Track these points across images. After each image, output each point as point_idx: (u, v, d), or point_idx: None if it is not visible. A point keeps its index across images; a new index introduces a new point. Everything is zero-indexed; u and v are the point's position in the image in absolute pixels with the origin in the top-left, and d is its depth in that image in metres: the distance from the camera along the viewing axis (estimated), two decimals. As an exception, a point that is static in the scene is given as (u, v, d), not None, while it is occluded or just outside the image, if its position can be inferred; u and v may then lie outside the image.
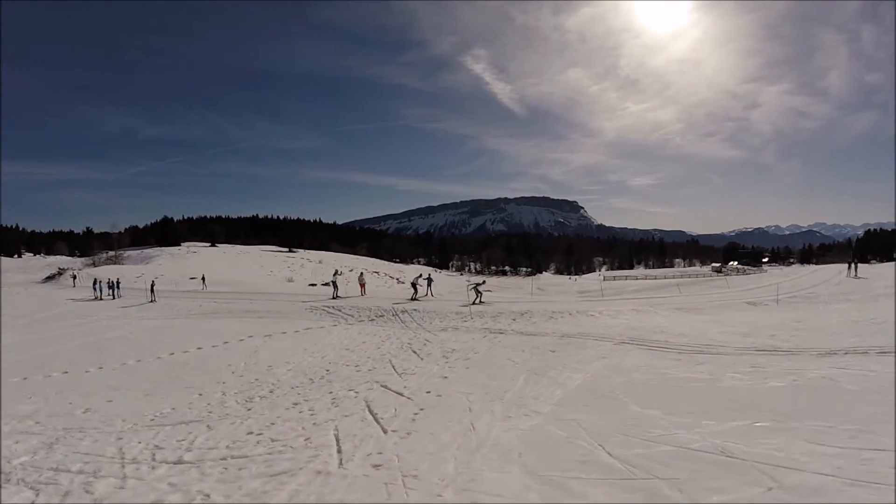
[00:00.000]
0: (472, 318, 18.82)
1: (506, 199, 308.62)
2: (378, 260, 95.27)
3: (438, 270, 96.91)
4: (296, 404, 8.96)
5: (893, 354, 10.67)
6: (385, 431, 7.02)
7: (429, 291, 27.81)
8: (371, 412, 8.07)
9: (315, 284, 50.71)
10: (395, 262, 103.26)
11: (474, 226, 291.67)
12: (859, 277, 32.45)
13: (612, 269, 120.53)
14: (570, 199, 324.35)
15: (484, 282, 26.68)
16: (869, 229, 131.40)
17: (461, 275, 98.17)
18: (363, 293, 28.84)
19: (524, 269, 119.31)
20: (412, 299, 24.50)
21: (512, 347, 13.45)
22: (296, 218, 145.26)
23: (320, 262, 77.56)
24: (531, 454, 5.92)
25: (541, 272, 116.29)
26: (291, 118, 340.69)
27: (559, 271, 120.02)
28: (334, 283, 26.71)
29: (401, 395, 9.10)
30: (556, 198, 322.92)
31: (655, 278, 65.91)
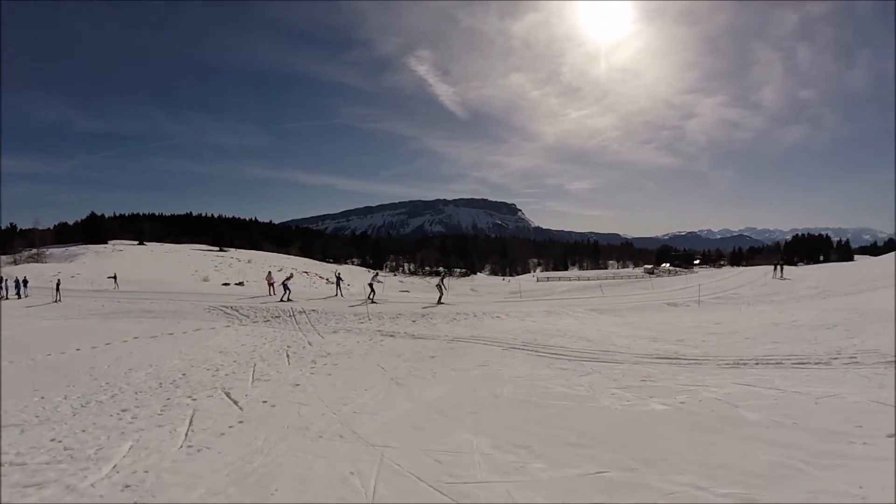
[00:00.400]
0: (369, 320, 17.83)
1: (445, 200, 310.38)
2: (310, 260, 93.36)
3: (370, 271, 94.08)
4: (125, 410, 8.33)
5: (812, 366, 9.13)
6: (180, 446, 6.56)
7: (338, 292, 26.60)
8: (190, 422, 7.51)
9: (229, 284, 48.15)
10: (329, 262, 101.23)
11: (413, 226, 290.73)
12: (785, 279, 32.18)
13: (547, 271, 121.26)
14: (509, 201, 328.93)
15: (444, 277, 26.57)
16: (797, 234, 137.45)
17: (395, 275, 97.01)
18: (271, 293, 27.12)
19: (459, 269, 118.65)
20: (370, 300, 23.13)
21: (392, 352, 12.54)
22: (231, 216, 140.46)
23: (249, 261, 75.94)
24: (287, 491, 5.23)
25: (475, 273, 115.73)
26: (232, 114, 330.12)
27: (494, 272, 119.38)
28: (285, 284, 24.54)
29: (236, 403, 8.51)
30: (494, 200, 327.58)
31: (588, 279, 65.78)
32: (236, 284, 45.75)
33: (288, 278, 25.28)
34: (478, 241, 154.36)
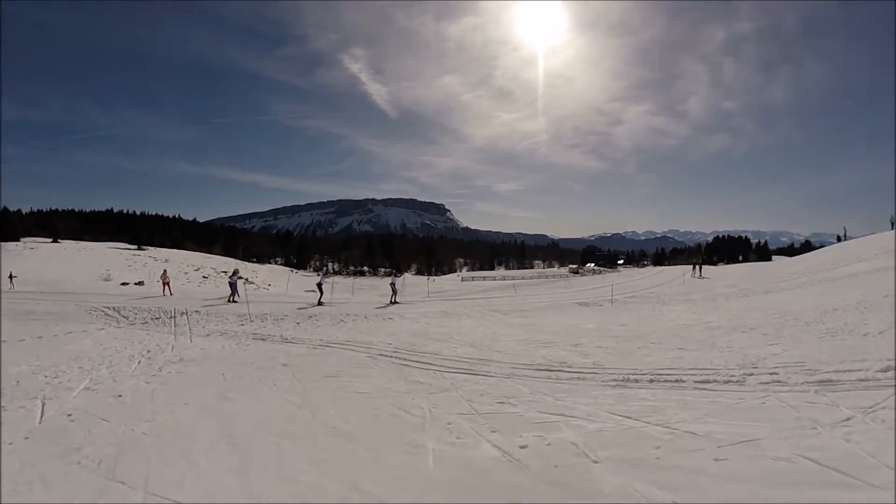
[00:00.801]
0: (250, 322, 16.65)
1: (374, 200, 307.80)
2: (232, 259, 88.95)
3: (294, 271, 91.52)
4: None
5: (720, 385, 6.92)
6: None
7: (234, 294, 24.68)
8: None
9: (128, 283, 45.00)
10: (252, 261, 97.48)
11: (341, 226, 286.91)
12: (703, 277, 32.08)
13: (474, 270, 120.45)
14: (438, 201, 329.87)
15: (399, 276, 25.70)
16: (717, 235, 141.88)
17: (318, 275, 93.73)
18: (167, 293, 25.72)
19: (384, 269, 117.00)
20: (319, 303, 22.02)
21: (247, 359, 11.19)
22: (154, 213, 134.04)
23: (166, 260, 71.25)
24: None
25: (401, 273, 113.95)
26: (163, 107, 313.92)
27: (420, 272, 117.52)
28: (232, 283, 23.01)
29: (42, 416, 7.22)
30: (423, 200, 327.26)
31: (513, 279, 65.00)
32: (136, 284, 43.07)
33: (234, 274, 24.05)
34: (404, 241, 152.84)
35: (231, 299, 21.84)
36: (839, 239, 38.11)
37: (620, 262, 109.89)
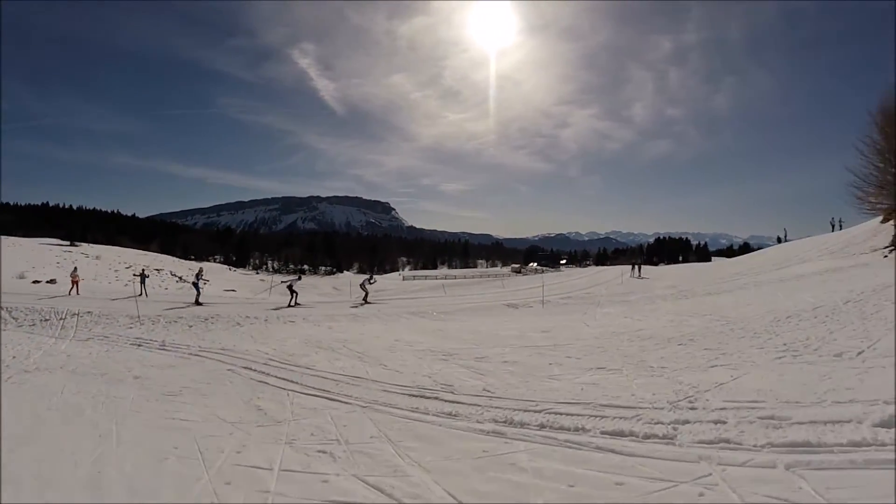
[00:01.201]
0: (140, 325, 15.60)
1: (319, 197, 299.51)
2: (168, 257, 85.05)
3: (232, 269, 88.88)
4: None
5: (639, 443, 4.74)
6: None
7: (142, 291, 23.96)
8: None
9: (39, 282, 41.96)
10: (190, 259, 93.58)
11: (285, 223, 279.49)
12: (643, 278, 30.49)
13: (416, 269, 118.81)
14: (383, 200, 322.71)
15: (370, 276, 25.05)
16: (659, 237, 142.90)
17: (257, 273, 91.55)
18: (72, 292, 24.11)
19: (324, 268, 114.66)
20: (290, 305, 20.75)
21: (98, 370, 10.06)
22: (92, 208, 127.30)
23: (98, 257, 67.80)
24: None
25: (342, 271, 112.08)
26: (105, 96, 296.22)
27: (362, 270, 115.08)
28: (195, 284, 22.04)
29: None
30: (369, 199, 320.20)
31: (455, 278, 63.90)
32: (47, 282, 39.47)
33: (198, 274, 23.14)
34: (347, 239, 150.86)
35: (197, 301, 20.75)
36: (779, 240, 37.70)
37: (563, 261, 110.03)
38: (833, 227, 34.86)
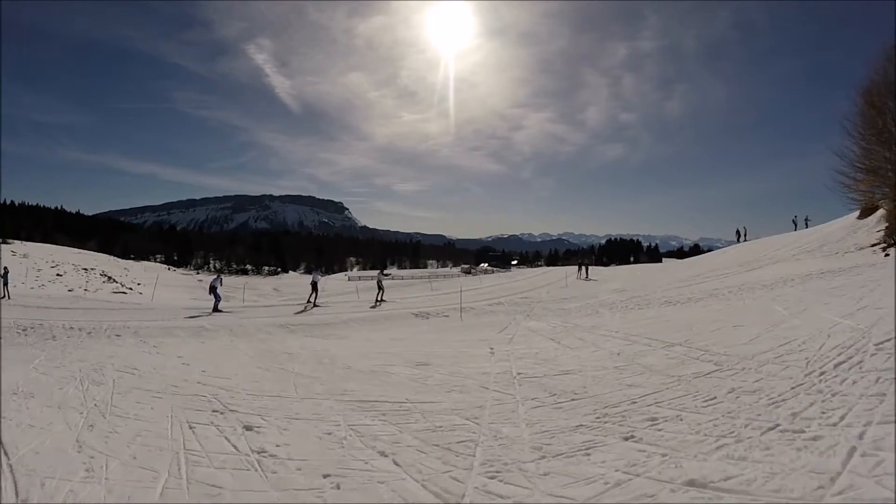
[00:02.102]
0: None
1: (271, 196, 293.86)
2: (107, 256, 79.17)
3: (171, 268, 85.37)
4: None
5: None
6: None
7: (5, 292, 21.72)
8: None
9: None
10: (130, 258, 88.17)
11: (237, 222, 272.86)
12: (590, 279, 28.20)
13: (365, 270, 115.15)
14: (337, 199, 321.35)
15: (386, 274, 23.28)
16: (610, 238, 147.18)
17: (197, 273, 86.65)
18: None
19: (268, 268, 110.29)
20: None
21: None
22: (33, 204, 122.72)
23: (25, 255, 62.20)
24: None
25: (287, 272, 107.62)
26: (52, 86, 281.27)
27: (309, 270, 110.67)
28: (213, 290, 20.25)
29: None
30: (322, 198, 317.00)
31: (402, 278, 60.06)
32: None
33: (216, 279, 21.36)
34: (295, 239, 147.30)
35: (216, 308, 19.38)
36: (738, 238, 34.86)
37: (514, 262, 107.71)
38: (796, 225, 32.18)
